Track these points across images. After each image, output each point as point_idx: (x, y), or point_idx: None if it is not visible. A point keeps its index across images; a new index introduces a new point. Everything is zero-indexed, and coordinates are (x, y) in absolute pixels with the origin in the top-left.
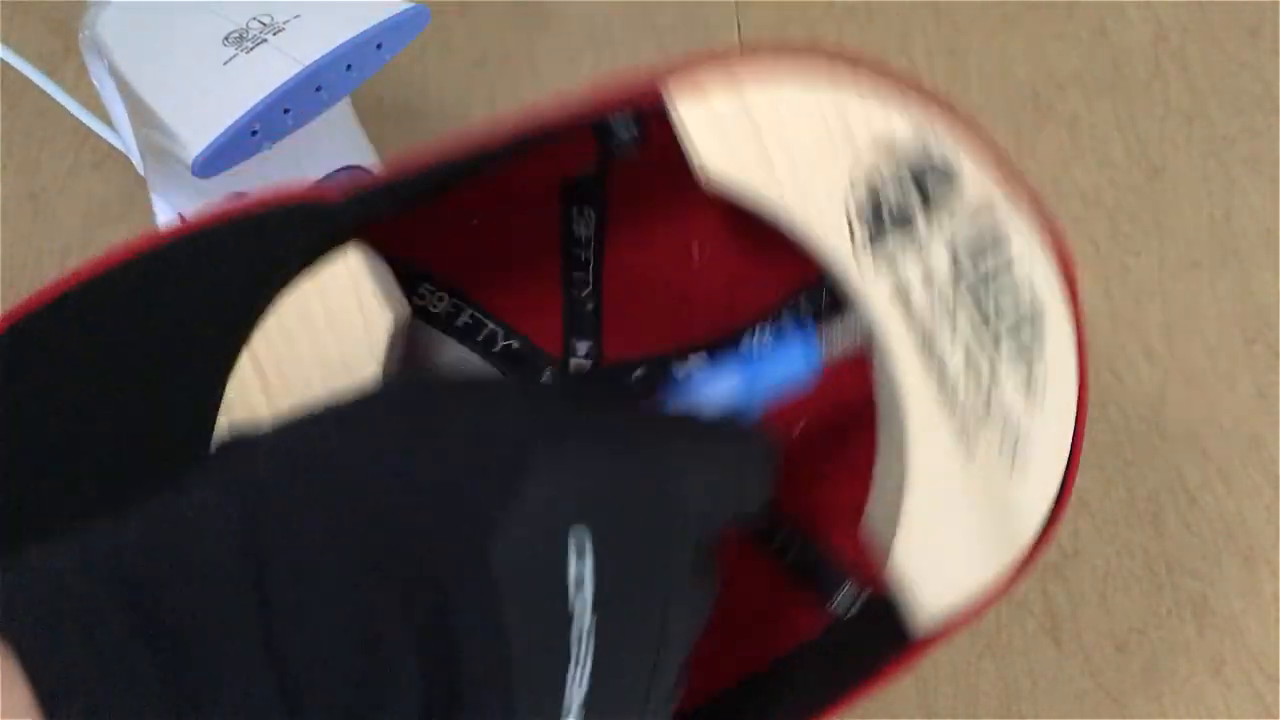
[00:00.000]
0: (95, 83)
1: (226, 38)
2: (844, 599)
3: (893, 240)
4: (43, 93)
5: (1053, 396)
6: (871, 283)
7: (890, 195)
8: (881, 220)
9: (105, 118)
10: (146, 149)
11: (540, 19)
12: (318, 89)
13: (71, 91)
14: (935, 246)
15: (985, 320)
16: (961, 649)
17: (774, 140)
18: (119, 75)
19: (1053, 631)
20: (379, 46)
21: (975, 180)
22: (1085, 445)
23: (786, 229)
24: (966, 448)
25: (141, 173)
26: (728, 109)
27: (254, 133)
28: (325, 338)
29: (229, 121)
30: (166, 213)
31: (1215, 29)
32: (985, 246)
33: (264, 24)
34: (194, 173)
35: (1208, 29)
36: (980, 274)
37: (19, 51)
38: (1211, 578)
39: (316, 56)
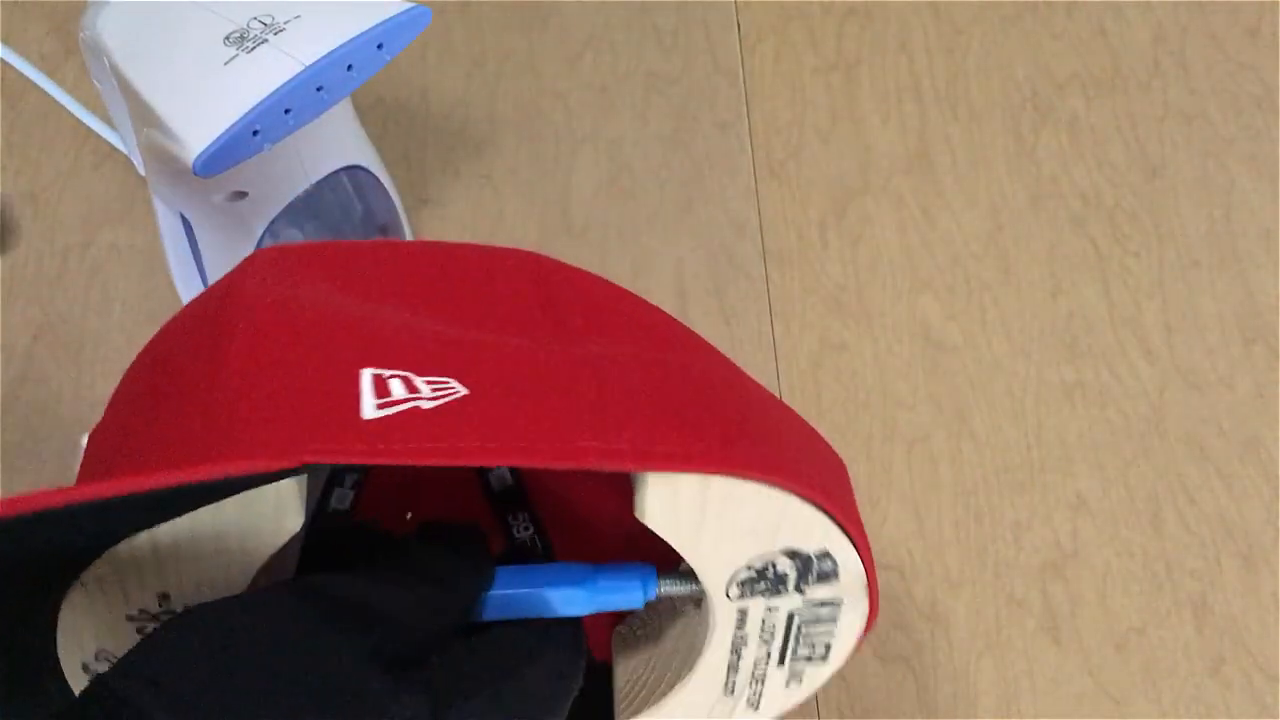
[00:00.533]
0: (95, 83)
1: (227, 38)
2: None
3: (758, 593)
4: (43, 93)
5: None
6: (722, 602)
7: (771, 577)
8: (756, 585)
9: (105, 118)
10: (147, 149)
11: (540, 19)
12: (318, 89)
13: (71, 91)
14: (788, 602)
15: (785, 651)
16: (961, 648)
17: (713, 518)
18: (119, 75)
19: (1053, 631)
20: (379, 47)
21: (848, 576)
22: (1085, 445)
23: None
24: (725, 690)
25: (141, 173)
26: (690, 490)
27: (255, 133)
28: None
29: (230, 121)
30: (167, 213)
31: (1215, 29)
32: (822, 607)
33: (265, 24)
34: (195, 172)
35: (1208, 29)
36: (809, 623)
37: (19, 51)
38: (1211, 578)
39: (317, 56)
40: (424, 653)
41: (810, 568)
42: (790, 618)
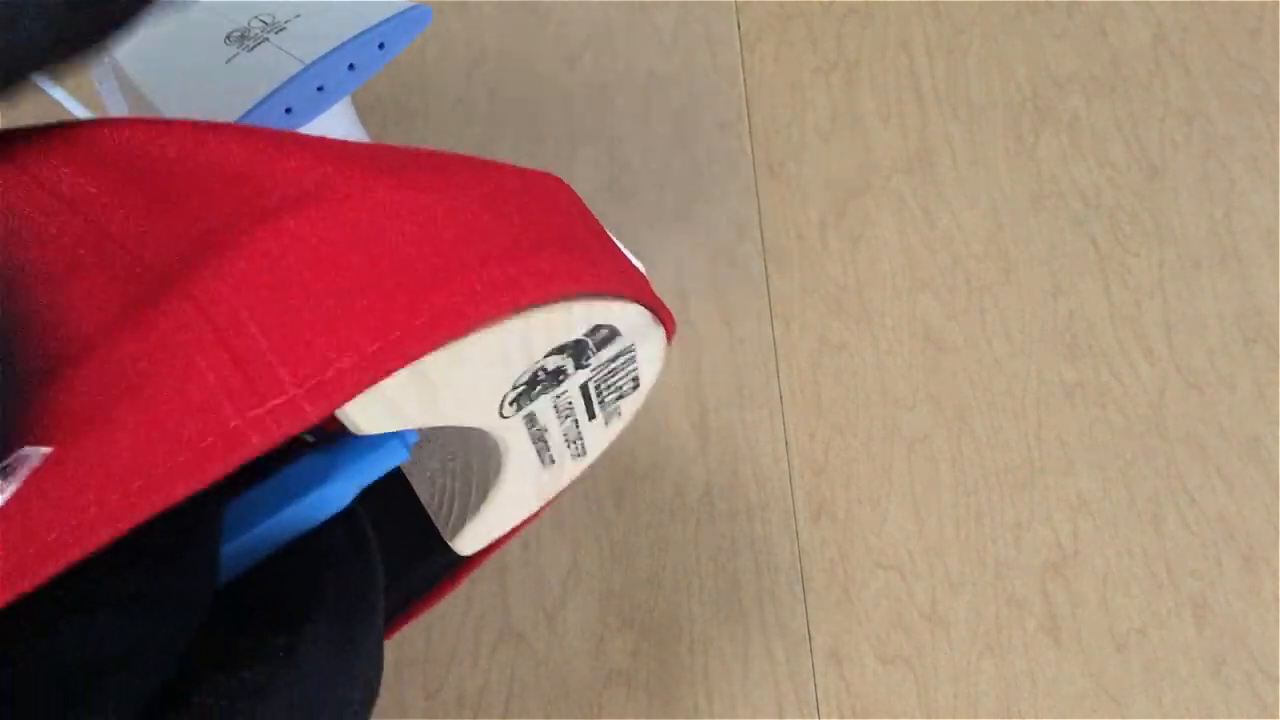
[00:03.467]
0: (96, 82)
1: (228, 37)
2: None
3: (537, 397)
4: (43, 93)
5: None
6: (500, 424)
7: (544, 378)
8: (531, 391)
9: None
10: None
11: (540, 19)
12: (319, 88)
13: (72, 91)
14: (575, 380)
15: (591, 408)
16: (961, 649)
17: (446, 387)
18: (120, 74)
19: (1053, 631)
20: (380, 46)
21: (629, 325)
22: (1086, 445)
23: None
24: (545, 464)
25: None
26: (401, 388)
27: None
28: None
29: (230, 120)
30: None
31: (1215, 29)
32: (618, 366)
33: (265, 23)
34: None
35: (1208, 29)
36: (605, 380)
37: None
38: (1211, 578)
39: (318, 55)
40: (179, 667)
41: (584, 347)
42: (584, 386)
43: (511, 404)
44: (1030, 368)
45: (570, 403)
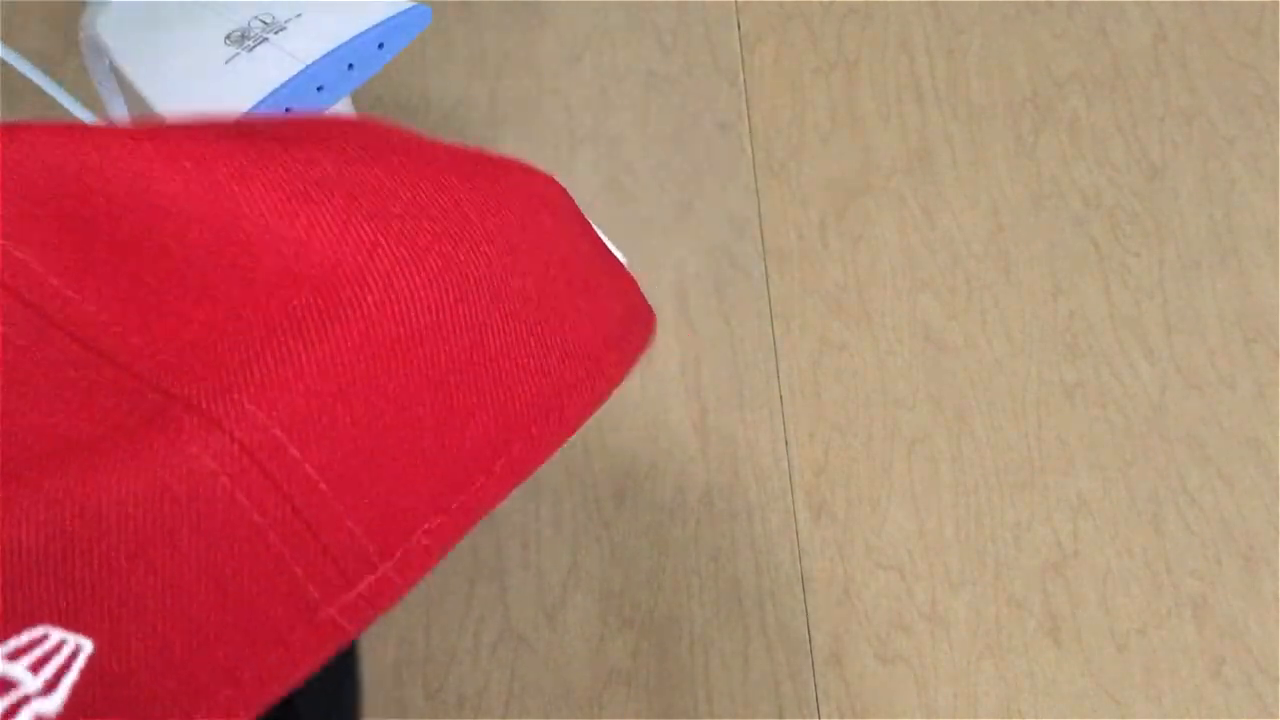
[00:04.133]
0: (95, 82)
1: (228, 37)
2: None
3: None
4: (43, 93)
5: None
6: None
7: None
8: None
9: (105, 117)
10: None
11: (540, 19)
12: (319, 88)
13: (71, 91)
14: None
15: None
16: (961, 649)
17: None
18: (120, 75)
19: (1053, 631)
20: (380, 46)
21: None
22: (1086, 445)
23: None
24: None
25: None
26: None
27: None
28: None
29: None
30: None
31: (1215, 29)
32: None
33: (265, 23)
34: None
35: (1208, 29)
36: None
37: (19, 50)
38: (1211, 578)
39: (318, 55)
40: None
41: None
42: None
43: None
44: (1030, 368)
45: None
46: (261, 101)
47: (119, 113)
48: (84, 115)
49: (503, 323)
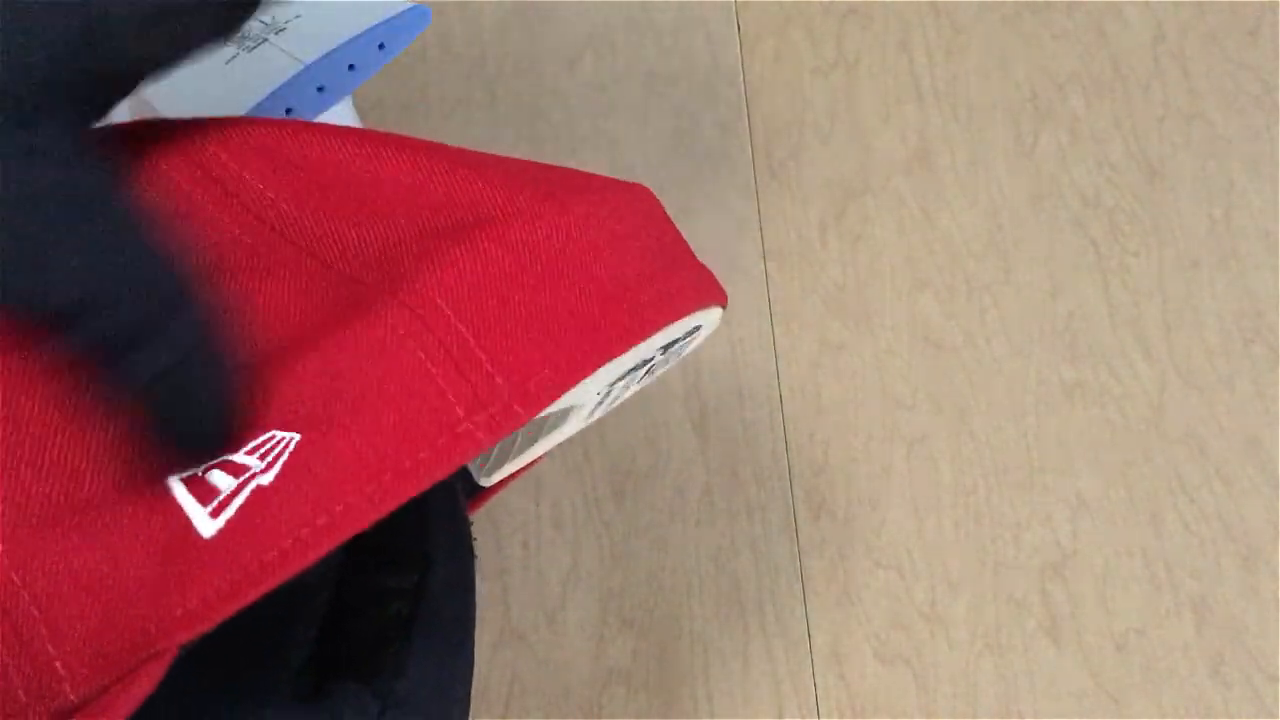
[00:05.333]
0: None
1: None
2: None
3: (626, 378)
4: None
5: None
6: (591, 401)
7: (640, 365)
8: (625, 376)
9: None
10: None
11: (540, 19)
12: (319, 88)
13: None
14: (655, 361)
15: (644, 378)
16: (961, 649)
17: (594, 378)
18: None
19: (1052, 631)
20: (380, 46)
21: (710, 327)
22: (1085, 445)
23: None
24: (585, 419)
25: None
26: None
27: None
28: None
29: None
30: None
31: (1215, 29)
32: (683, 349)
33: (265, 23)
34: None
35: (1207, 29)
36: (666, 362)
37: None
38: (1211, 578)
39: (318, 55)
40: (329, 624)
41: (677, 342)
42: (652, 366)
43: (610, 384)
44: (1030, 368)
45: (638, 375)
46: (261, 101)
47: (119, 112)
48: None
49: (612, 251)
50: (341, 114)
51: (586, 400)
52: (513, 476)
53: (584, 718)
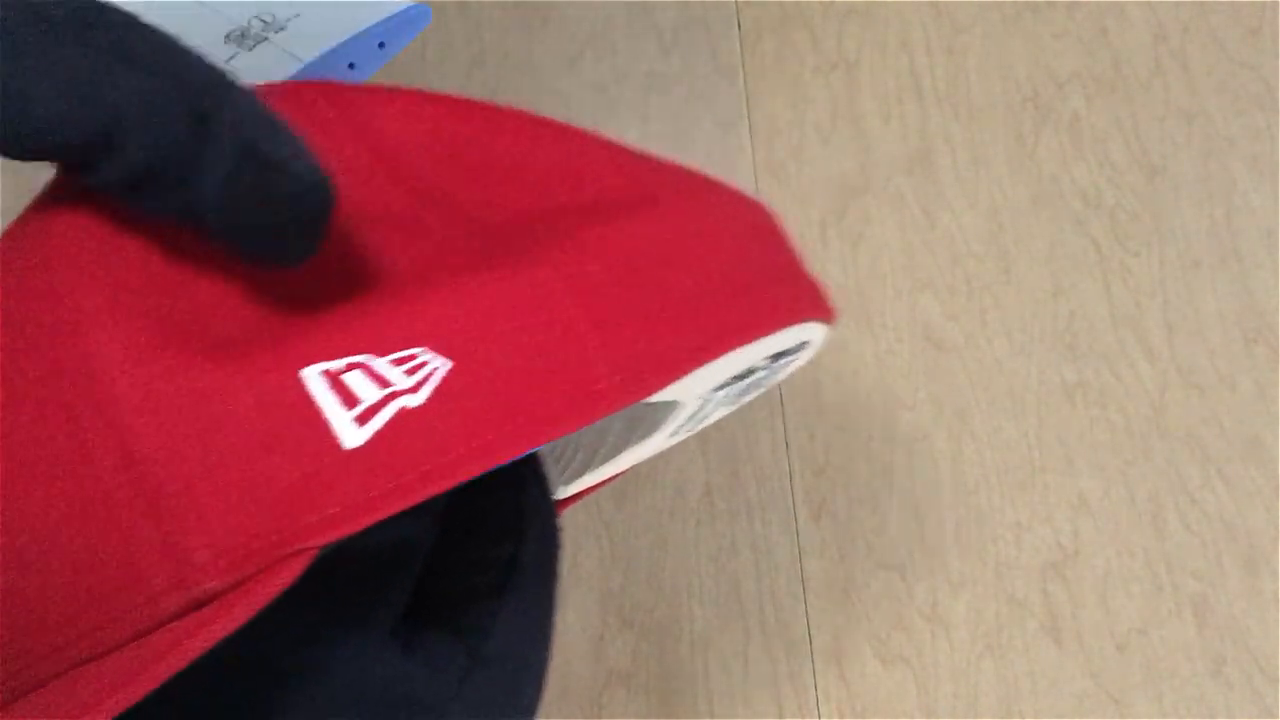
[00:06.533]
0: None
1: (228, 36)
2: None
3: (728, 387)
4: None
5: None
6: (691, 405)
7: (745, 373)
8: (730, 383)
9: None
10: None
11: (540, 19)
12: None
13: None
14: (755, 377)
15: (743, 395)
16: (961, 649)
17: (709, 372)
18: None
19: (1053, 631)
20: (380, 45)
21: (815, 343)
22: (1086, 445)
23: None
24: (669, 438)
25: None
26: (699, 371)
27: None
28: None
29: None
30: None
31: (1215, 29)
32: (782, 369)
33: (265, 22)
34: None
35: (1208, 29)
36: (766, 380)
37: None
38: (1212, 578)
39: (317, 54)
40: (424, 578)
41: (784, 354)
42: (749, 384)
43: (713, 390)
44: (1030, 368)
45: (733, 393)
46: None
47: None
48: None
49: (733, 249)
50: None
51: (689, 400)
52: (579, 496)
53: (584, 718)
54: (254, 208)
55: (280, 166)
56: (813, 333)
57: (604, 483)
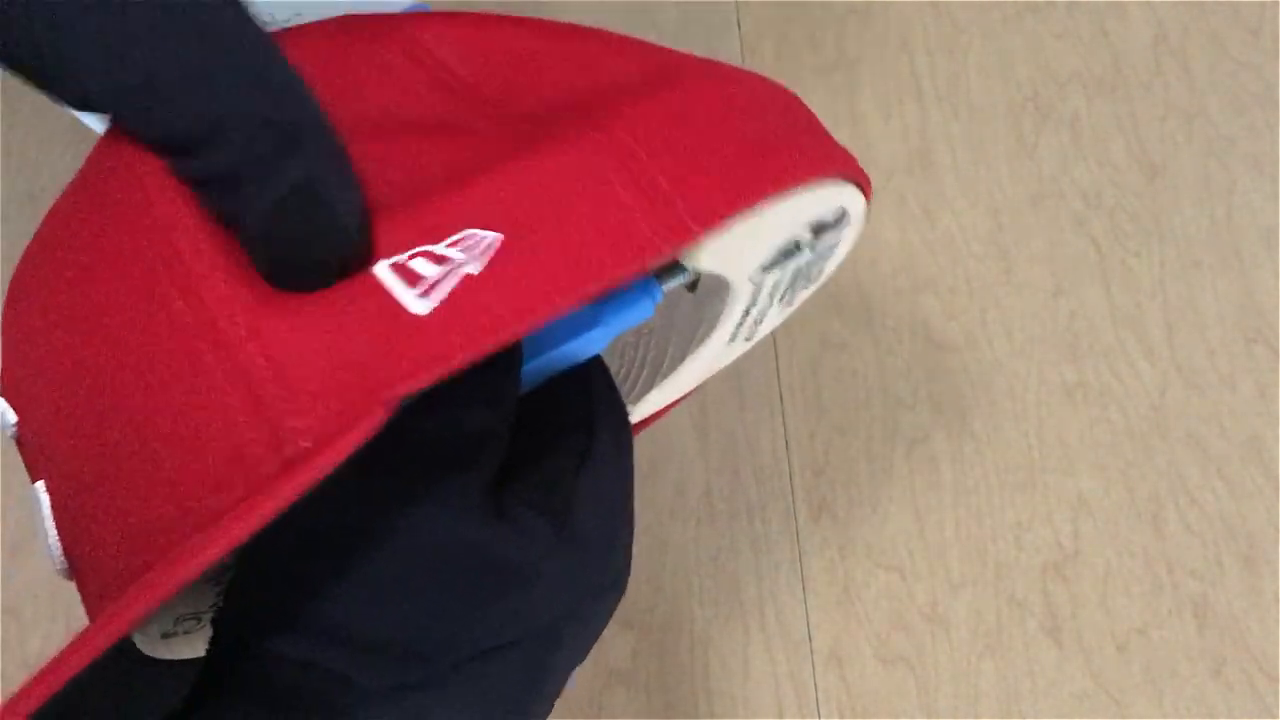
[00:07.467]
0: None
1: None
2: None
3: (777, 266)
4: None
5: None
6: (743, 289)
7: (791, 246)
8: (777, 259)
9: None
10: None
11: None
12: None
13: None
14: (801, 258)
15: (792, 286)
16: (962, 649)
17: (754, 234)
18: None
19: (1053, 631)
20: None
21: (855, 216)
22: (1086, 445)
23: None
24: (728, 344)
25: None
26: (740, 227)
27: None
28: None
29: None
30: None
31: (1215, 29)
32: (828, 249)
33: (265, 22)
34: None
35: (1208, 29)
36: (812, 266)
37: None
38: (1212, 578)
39: None
40: (506, 461)
41: (825, 227)
42: (798, 268)
43: (761, 269)
44: (1030, 368)
45: (784, 282)
46: None
47: None
48: (84, 115)
49: (770, 115)
50: None
51: (740, 282)
52: (650, 421)
53: (584, 718)
54: (287, 236)
55: (329, 213)
56: (850, 200)
57: (670, 407)
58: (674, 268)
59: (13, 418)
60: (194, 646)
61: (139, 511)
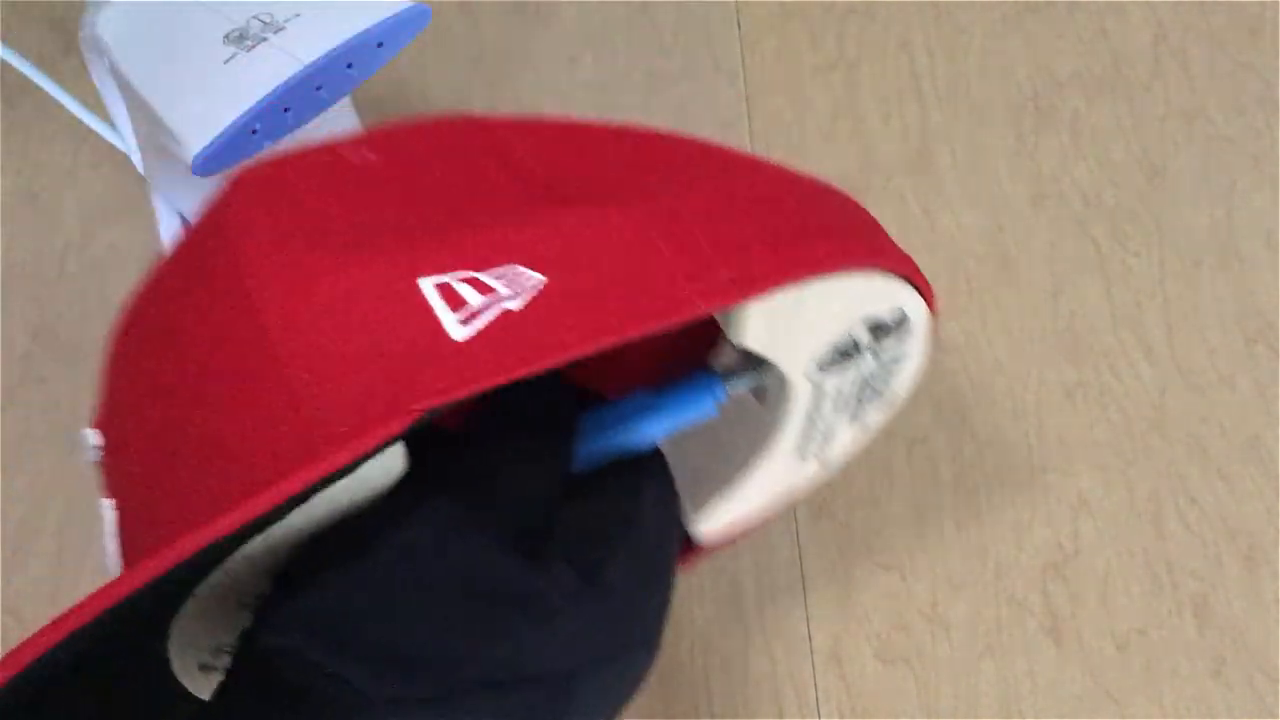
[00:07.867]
0: (95, 82)
1: (227, 36)
2: None
3: (836, 367)
4: (42, 92)
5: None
6: (801, 384)
7: (848, 346)
8: (835, 359)
9: (105, 117)
10: (147, 148)
11: (540, 18)
12: (318, 88)
13: (71, 90)
14: (863, 364)
15: (859, 400)
16: (961, 649)
17: (804, 318)
18: (119, 74)
19: (1053, 631)
20: (379, 45)
21: (917, 322)
22: (1086, 445)
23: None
24: (796, 459)
25: (141, 172)
26: (785, 302)
27: (254, 131)
28: None
29: (229, 120)
30: (167, 212)
31: (1216, 29)
32: (892, 362)
33: (264, 22)
34: (194, 172)
35: (1208, 29)
36: (878, 377)
37: (18, 50)
38: (1212, 578)
39: (317, 55)
40: (546, 518)
41: (885, 329)
42: (863, 378)
43: (817, 365)
44: (1030, 368)
45: (847, 391)
46: (261, 101)
47: (119, 112)
48: (84, 115)
49: (810, 203)
50: (340, 113)
51: (795, 376)
52: (724, 544)
53: None
54: None
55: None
56: (910, 303)
57: (749, 530)
58: (740, 371)
59: (96, 440)
60: None
61: (184, 512)
